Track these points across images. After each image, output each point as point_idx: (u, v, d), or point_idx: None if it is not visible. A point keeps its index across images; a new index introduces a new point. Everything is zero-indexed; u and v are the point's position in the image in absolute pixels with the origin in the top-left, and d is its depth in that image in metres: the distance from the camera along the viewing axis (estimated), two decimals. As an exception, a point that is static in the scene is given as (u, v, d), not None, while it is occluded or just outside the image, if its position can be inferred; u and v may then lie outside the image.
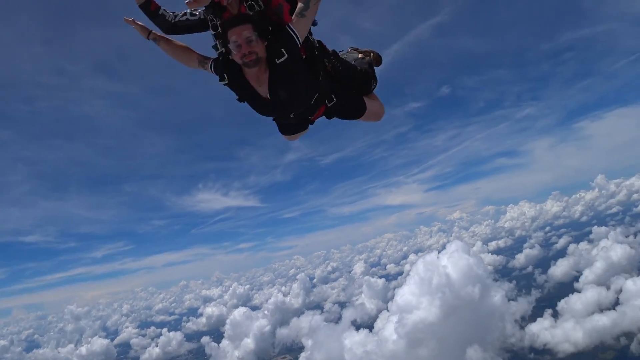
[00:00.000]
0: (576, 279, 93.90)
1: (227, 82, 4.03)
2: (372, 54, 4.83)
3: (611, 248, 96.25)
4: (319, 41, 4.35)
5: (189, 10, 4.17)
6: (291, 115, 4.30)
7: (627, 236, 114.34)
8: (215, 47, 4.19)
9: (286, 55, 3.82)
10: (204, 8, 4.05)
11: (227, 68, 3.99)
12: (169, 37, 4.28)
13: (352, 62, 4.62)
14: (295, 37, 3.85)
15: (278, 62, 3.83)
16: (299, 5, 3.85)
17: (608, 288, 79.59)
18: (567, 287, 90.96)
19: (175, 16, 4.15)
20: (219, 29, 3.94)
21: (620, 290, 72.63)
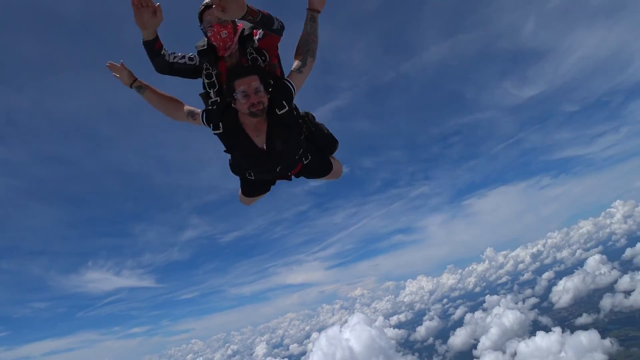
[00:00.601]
0: (474, 346, 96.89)
1: (221, 131, 3.97)
2: None
3: (503, 315, 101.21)
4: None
5: (187, 55, 4.11)
6: (277, 169, 4.31)
7: (516, 303, 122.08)
8: (204, 95, 4.26)
9: (287, 108, 3.95)
10: (198, 56, 4.09)
11: (223, 117, 3.95)
12: (153, 86, 4.11)
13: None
14: (293, 91, 4.00)
15: (279, 113, 3.93)
16: (297, 62, 4.08)
17: (504, 352, 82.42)
18: (467, 355, 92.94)
19: (174, 57, 4.04)
20: (214, 78, 4.06)
21: (515, 353, 75.52)
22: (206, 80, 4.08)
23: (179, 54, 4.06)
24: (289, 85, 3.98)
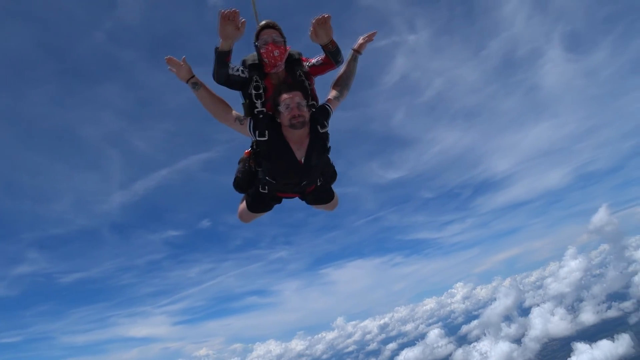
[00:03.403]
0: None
1: (266, 138, 4.32)
2: None
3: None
4: None
5: (240, 67, 4.49)
6: (303, 183, 4.73)
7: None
8: (247, 106, 4.60)
9: (327, 127, 4.50)
10: (246, 69, 4.52)
11: (269, 126, 4.33)
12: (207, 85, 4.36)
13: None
14: (330, 113, 4.57)
15: (321, 131, 4.45)
16: (334, 92, 4.74)
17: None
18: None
19: (232, 69, 4.39)
20: (262, 90, 4.49)
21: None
22: (254, 92, 4.47)
23: (235, 66, 4.43)
24: (328, 107, 4.57)
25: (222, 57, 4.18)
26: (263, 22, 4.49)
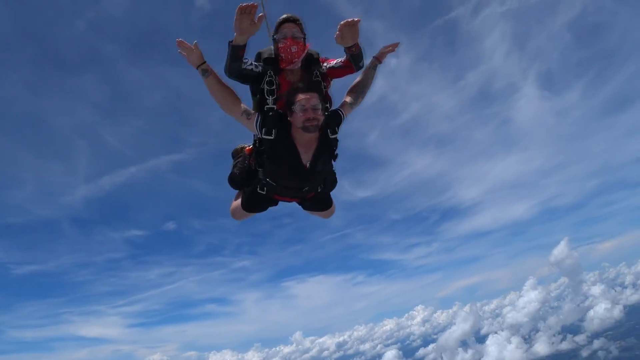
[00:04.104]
0: None
1: (272, 137, 4.11)
2: None
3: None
4: None
5: (253, 62, 4.30)
6: (305, 188, 4.56)
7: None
8: (258, 100, 4.40)
9: (337, 134, 4.35)
10: (260, 62, 4.34)
11: (278, 125, 4.12)
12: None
13: None
14: (342, 119, 4.42)
15: (331, 136, 4.28)
16: (349, 97, 4.57)
17: None
18: None
19: (245, 63, 4.21)
20: (275, 86, 4.30)
21: None
22: (267, 87, 4.28)
23: (248, 60, 4.23)
24: (341, 113, 4.40)
25: (236, 51, 3.99)
26: (284, 16, 4.30)
